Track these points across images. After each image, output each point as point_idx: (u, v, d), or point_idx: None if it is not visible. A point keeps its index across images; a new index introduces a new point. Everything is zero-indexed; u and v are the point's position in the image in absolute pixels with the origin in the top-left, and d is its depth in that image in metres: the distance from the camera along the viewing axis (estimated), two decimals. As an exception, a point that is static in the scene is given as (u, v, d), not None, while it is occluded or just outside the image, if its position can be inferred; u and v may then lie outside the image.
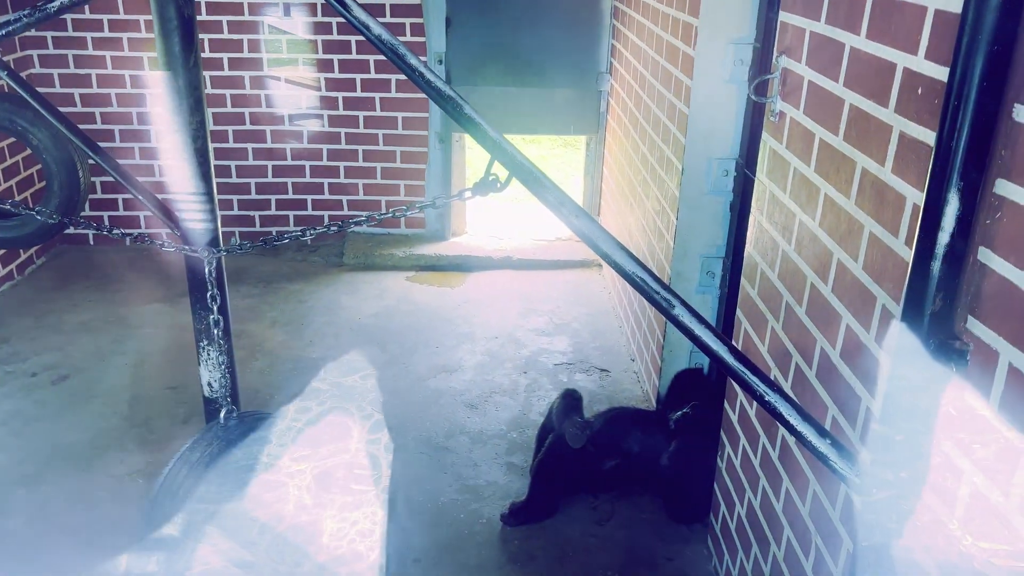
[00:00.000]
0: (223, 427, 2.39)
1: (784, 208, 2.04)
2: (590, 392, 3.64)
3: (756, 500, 2.25)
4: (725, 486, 2.54)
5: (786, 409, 1.49)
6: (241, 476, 2.76)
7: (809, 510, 1.88)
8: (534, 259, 5.05)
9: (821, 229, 1.82)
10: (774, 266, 2.11)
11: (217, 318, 2.30)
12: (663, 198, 3.37)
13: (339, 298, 4.56)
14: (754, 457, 2.27)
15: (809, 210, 1.89)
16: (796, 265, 1.96)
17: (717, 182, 3.04)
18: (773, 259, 2.12)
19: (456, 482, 3.03)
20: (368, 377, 3.74)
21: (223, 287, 2.35)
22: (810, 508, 1.88)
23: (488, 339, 4.13)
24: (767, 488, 2.16)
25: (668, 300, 1.56)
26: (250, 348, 3.95)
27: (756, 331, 2.26)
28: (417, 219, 5.26)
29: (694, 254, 3.17)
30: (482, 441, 3.29)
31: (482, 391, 3.65)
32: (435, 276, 4.91)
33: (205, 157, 2.31)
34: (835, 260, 1.74)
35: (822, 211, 1.81)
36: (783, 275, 2.06)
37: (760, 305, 2.22)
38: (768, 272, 2.16)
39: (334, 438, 3.26)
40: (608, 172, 4.94)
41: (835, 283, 1.75)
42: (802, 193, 1.93)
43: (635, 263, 1.58)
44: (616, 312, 4.47)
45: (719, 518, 2.60)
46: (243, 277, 4.75)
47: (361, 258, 5.02)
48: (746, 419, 2.35)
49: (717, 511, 2.62)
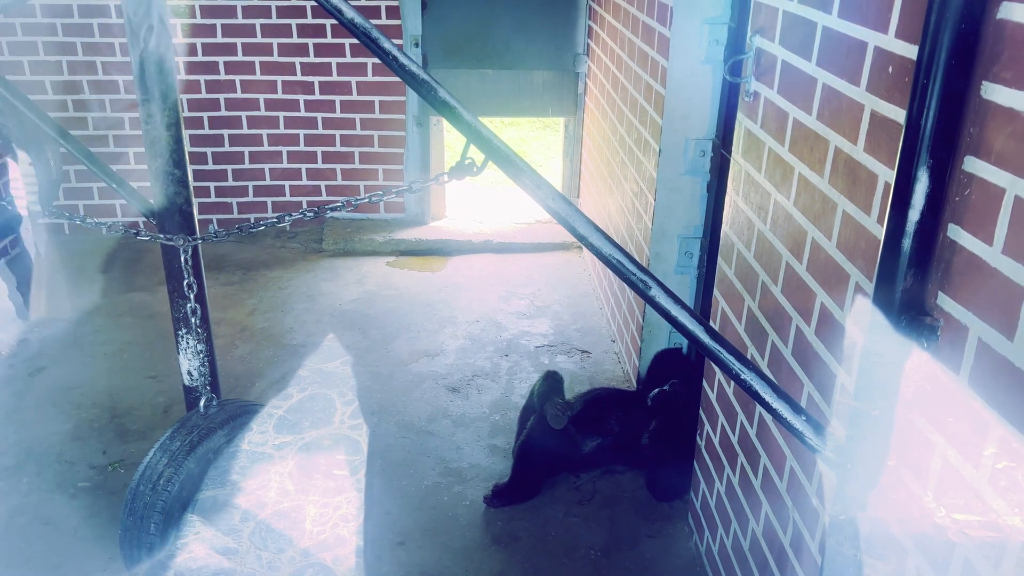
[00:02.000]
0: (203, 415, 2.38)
1: (759, 188, 2.05)
2: (571, 373, 3.66)
3: (735, 477, 2.27)
4: (704, 464, 2.56)
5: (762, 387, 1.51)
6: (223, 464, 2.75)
7: (786, 486, 1.90)
8: (515, 242, 5.04)
9: (796, 208, 1.82)
10: (750, 246, 2.12)
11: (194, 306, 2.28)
12: (641, 179, 3.37)
13: (319, 284, 4.54)
14: (732, 435, 2.29)
15: (784, 189, 1.89)
16: (771, 244, 1.97)
17: (694, 162, 3.05)
18: (749, 239, 2.13)
19: (439, 465, 3.04)
20: (349, 363, 3.73)
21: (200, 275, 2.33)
22: (787, 484, 1.90)
23: (470, 323, 4.14)
24: (745, 465, 2.18)
25: (645, 281, 1.56)
26: (230, 335, 3.93)
27: (733, 310, 2.27)
28: (396, 203, 5.23)
29: (672, 235, 3.18)
30: (465, 424, 3.30)
31: (464, 375, 3.66)
32: (416, 261, 4.89)
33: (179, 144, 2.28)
34: (809, 239, 1.75)
35: (796, 190, 1.82)
36: (759, 254, 2.07)
37: (737, 284, 2.24)
38: (744, 252, 2.17)
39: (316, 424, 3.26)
40: (587, 154, 4.93)
41: (809, 261, 1.76)
42: (777, 173, 1.93)
43: (612, 245, 1.58)
44: (597, 294, 4.48)
45: (699, 495, 2.63)
46: (222, 265, 4.71)
47: (341, 244, 4.99)
48: (724, 397, 2.36)
49: (697, 488, 2.65)
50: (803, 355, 1.79)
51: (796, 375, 1.83)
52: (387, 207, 5.23)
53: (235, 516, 2.72)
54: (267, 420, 3.24)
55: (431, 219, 5.24)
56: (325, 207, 2.04)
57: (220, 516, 2.70)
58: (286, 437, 3.14)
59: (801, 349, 1.80)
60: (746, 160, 2.15)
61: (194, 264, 2.30)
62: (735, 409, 2.26)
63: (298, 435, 3.16)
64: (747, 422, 2.17)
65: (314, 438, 3.16)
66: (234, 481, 2.79)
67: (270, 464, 2.97)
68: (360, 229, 5.12)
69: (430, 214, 5.23)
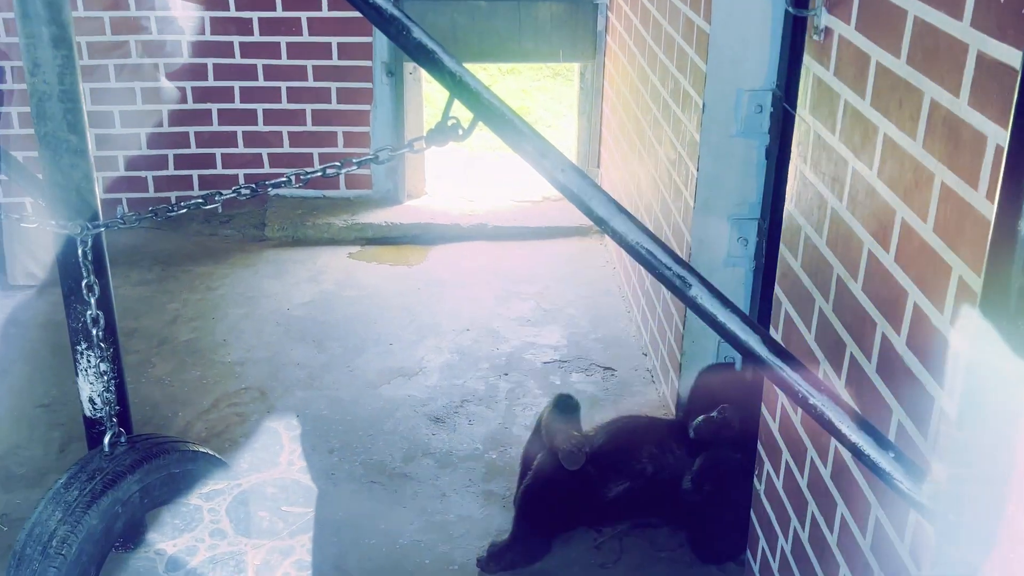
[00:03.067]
0: (108, 456, 2.38)
1: (833, 154, 2.05)
2: (590, 397, 3.65)
3: (804, 531, 2.27)
4: (764, 514, 2.56)
5: (837, 414, 1.50)
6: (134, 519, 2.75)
7: (871, 542, 1.90)
8: (516, 226, 5.04)
9: (880, 180, 1.82)
10: (821, 229, 2.12)
11: (96, 314, 2.28)
12: (680, 143, 3.37)
13: (261, 283, 4.54)
14: (800, 477, 2.29)
15: (865, 155, 1.89)
16: (849, 227, 1.97)
17: (748, 121, 3.04)
18: (820, 220, 2.13)
19: (419, 518, 3.04)
20: (300, 386, 3.73)
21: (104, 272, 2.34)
22: (872, 540, 1.90)
23: (458, 332, 4.13)
24: (817, 515, 2.18)
25: (683, 278, 1.56)
26: (145, 351, 3.93)
27: (800, 314, 2.27)
28: (362, 177, 5.23)
29: (720, 215, 3.17)
30: (451, 465, 3.30)
31: (451, 400, 3.66)
32: (387, 251, 4.89)
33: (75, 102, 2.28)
34: (898, 220, 1.75)
35: (881, 156, 1.82)
36: (833, 240, 2.06)
37: (804, 280, 2.23)
38: (814, 237, 2.17)
39: (256, 466, 3.26)
40: (609, 111, 4.92)
41: (899, 249, 1.75)
42: (856, 134, 1.93)
43: (640, 231, 1.58)
44: (623, 293, 4.48)
45: (758, 556, 2.63)
46: (135, 259, 4.71)
47: (288, 230, 4.98)
48: (789, 428, 2.36)
49: (755, 546, 2.65)
50: (891, 372, 1.79)
51: (882, 398, 1.82)
52: (349, 182, 5.23)
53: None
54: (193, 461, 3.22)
55: (407, 197, 5.24)
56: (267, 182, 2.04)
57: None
58: (218, 483, 3.13)
59: (888, 364, 1.80)
60: (815, 117, 2.15)
61: (96, 258, 2.30)
62: (803, 443, 2.26)
63: (233, 481, 3.15)
64: (819, 460, 2.17)
65: (254, 484, 3.15)
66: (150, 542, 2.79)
67: (196, 519, 2.96)
68: (314, 211, 5.12)
69: (405, 191, 5.24)
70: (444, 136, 1.75)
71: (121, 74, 4.95)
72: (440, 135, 1.75)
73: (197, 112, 5.06)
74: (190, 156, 5.12)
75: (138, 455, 2.46)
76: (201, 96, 5.03)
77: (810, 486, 2.23)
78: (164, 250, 4.84)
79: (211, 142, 5.11)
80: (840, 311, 2.04)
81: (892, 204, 1.77)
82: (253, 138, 5.11)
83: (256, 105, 5.06)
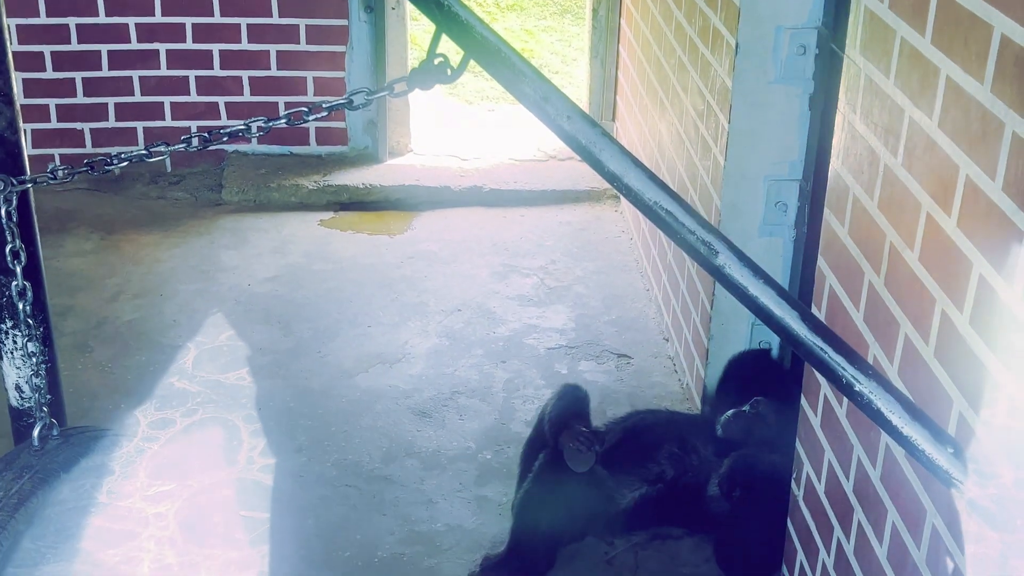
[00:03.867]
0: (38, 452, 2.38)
1: (887, 101, 2.04)
2: (602, 389, 3.66)
3: (848, 543, 2.28)
4: (803, 523, 2.57)
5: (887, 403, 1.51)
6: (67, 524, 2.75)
7: (926, 555, 1.91)
8: (516, 189, 5.03)
9: (941, 131, 1.82)
10: (872, 190, 2.12)
11: (22, 286, 2.28)
12: (709, 91, 3.36)
13: (217, 254, 4.53)
14: (845, 479, 2.29)
15: (924, 103, 1.89)
16: (904, 187, 1.97)
17: (789, 64, 3.03)
18: (871, 179, 2.13)
19: (401, 527, 3.05)
20: (263, 373, 3.74)
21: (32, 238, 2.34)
22: (927, 552, 1.90)
23: (447, 312, 4.13)
24: (864, 523, 2.19)
25: (708, 244, 1.56)
26: (82, 333, 3.93)
27: (847, 289, 2.27)
28: (336, 131, 5.22)
29: (755, 175, 3.17)
30: (439, 466, 3.31)
31: (439, 391, 3.66)
32: (365, 218, 4.88)
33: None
34: (962, 177, 1.75)
35: (943, 104, 1.81)
36: (886, 203, 2.06)
37: (852, 250, 2.23)
38: (864, 199, 2.17)
39: (210, 465, 3.27)
40: (627, 54, 4.91)
41: (961, 213, 1.75)
42: (914, 77, 1.93)
43: (658, 188, 1.59)
44: (641, 268, 4.47)
45: (795, 571, 2.64)
46: (70, 225, 4.70)
47: (250, 192, 4.97)
48: (833, 422, 2.37)
49: (792, 561, 2.66)
50: (951, 356, 1.79)
51: (941, 386, 1.83)
52: (321, 137, 5.21)
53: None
54: (136, 459, 3.24)
55: (389, 155, 5.23)
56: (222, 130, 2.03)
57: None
58: (165, 484, 3.14)
59: (948, 347, 1.80)
60: (867, 59, 2.14)
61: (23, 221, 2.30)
62: (849, 440, 2.27)
63: (183, 481, 3.15)
64: (867, 459, 2.17)
65: (207, 485, 3.16)
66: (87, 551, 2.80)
67: (141, 525, 2.97)
68: (279, 170, 5.10)
69: (387, 147, 5.22)
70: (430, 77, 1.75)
71: (54, 7, 4.93)
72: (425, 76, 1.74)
73: (142, 53, 5.03)
74: (134, 105, 5.10)
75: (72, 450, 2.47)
76: (147, 34, 5.01)
77: (856, 490, 2.24)
78: (104, 216, 4.83)
79: (158, 89, 5.09)
80: (893, 286, 2.04)
81: (955, 159, 1.77)
82: (208, 84, 5.09)
83: (211, 45, 5.04)
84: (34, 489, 2.35)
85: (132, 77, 5.06)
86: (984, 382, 1.69)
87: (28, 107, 4.87)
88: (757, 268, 1.56)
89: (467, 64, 1.69)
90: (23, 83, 4.87)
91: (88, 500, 2.78)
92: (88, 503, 2.77)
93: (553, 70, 7.06)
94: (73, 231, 4.68)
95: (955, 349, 1.79)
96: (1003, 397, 1.64)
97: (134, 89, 5.08)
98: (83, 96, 5.07)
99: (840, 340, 1.55)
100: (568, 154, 5.16)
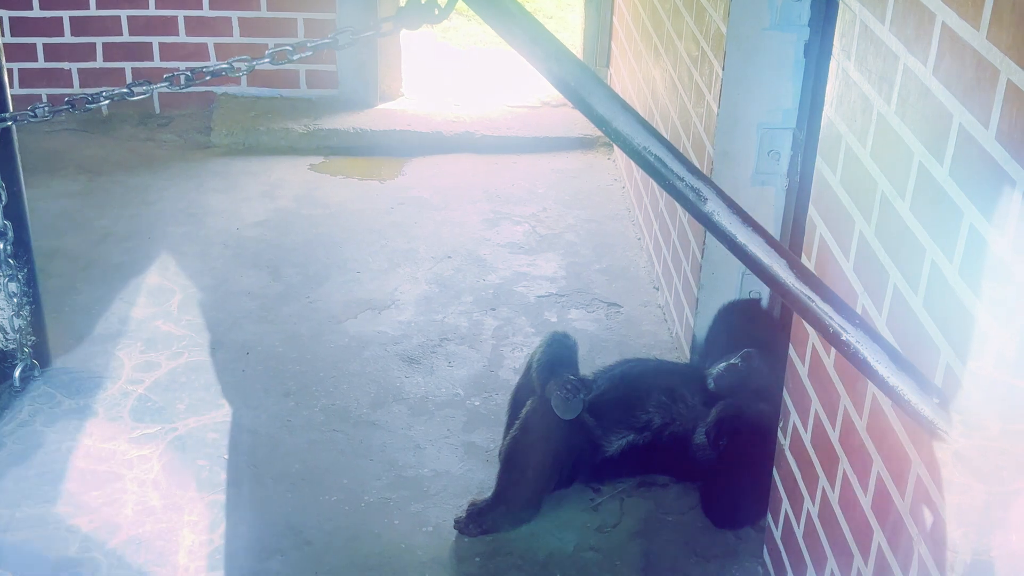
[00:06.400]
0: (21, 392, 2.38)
1: (882, 47, 2.02)
2: (591, 337, 3.66)
3: (833, 492, 2.29)
4: (789, 472, 2.58)
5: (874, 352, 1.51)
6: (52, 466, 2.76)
7: (909, 504, 1.91)
8: (508, 136, 5.01)
9: (935, 78, 1.80)
10: (865, 138, 2.11)
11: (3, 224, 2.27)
12: (703, 36, 3.33)
13: (205, 198, 4.51)
14: (831, 429, 2.30)
15: (919, 49, 1.86)
16: (897, 135, 1.95)
17: (785, 10, 3.00)
18: (864, 127, 2.11)
19: (388, 472, 3.06)
20: (251, 318, 3.73)
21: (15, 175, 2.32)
22: (911, 502, 1.91)
23: (437, 259, 4.12)
24: (849, 473, 2.20)
25: (696, 190, 1.55)
26: (69, 275, 3.92)
27: (837, 238, 2.26)
28: (326, 75, 5.18)
29: (749, 123, 3.15)
30: (427, 412, 3.31)
31: (428, 338, 3.66)
32: (355, 163, 4.86)
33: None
34: (955, 126, 1.73)
35: (938, 50, 1.79)
36: (878, 151, 2.05)
37: (843, 199, 2.22)
38: (856, 147, 2.15)
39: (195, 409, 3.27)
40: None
41: (954, 162, 1.74)
42: (909, 23, 1.90)
43: (647, 132, 1.57)
44: (632, 217, 4.46)
45: (780, 520, 2.65)
46: (57, 166, 4.67)
47: (239, 135, 4.95)
48: (820, 372, 2.37)
49: (777, 509, 2.67)
50: (940, 306, 1.79)
51: (929, 337, 1.82)
52: (311, 79, 5.18)
53: (71, 546, 2.75)
54: (120, 401, 3.24)
55: (379, 99, 5.20)
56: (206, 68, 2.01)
57: (48, 545, 2.71)
58: (149, 427, 3.14)
59: (938, 297, 1.79)
60: (862, 4, 2.11)
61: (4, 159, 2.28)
62: (836, 390, 2.27)
63: (168, 424, 3.16)
64: (853, 410, 2.18)
65: (192, 428, 3.16)
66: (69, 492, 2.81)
67: (124, 467, 2.98)
68: (269, 113, 5.07)
69: (378, 91, 5.19)
70: (417, 16, 1.72)
71: (39, -55, 4.87)
72: (412, 15, 1.72)
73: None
74: (122, 45, 5.06)
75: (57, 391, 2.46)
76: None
77: (842, 440, 2.24)
78: (92, 157, 4.79)
79: (147, 29, 5.04)
80: (884, 235, 2.03)
81: (948, 106, 1.75)
82: (197, 25, 5.05)
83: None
84: (16, 431, 2.34)
85: (120, 16, 5.03)
86: (972, 333, 1.69)
87: (14, 46, 4.83)
88: (746, 215, 1.54)
89: (455, 4, 1.67)
90: (9, 21, 4.83)
91: (73, 442, 2.79)
92: (72, 445, 2.78)
93: (547, 15, 7.00)
94: (60, 172, 4.65)
95: (944, 299, 1.78)
96: (991, 348, 1.64)
97: (122, 29, 5.05)
98: (71, 35, 5.03)
99: (828, 289, 1.54)
100: (561, 101, 5.14)
